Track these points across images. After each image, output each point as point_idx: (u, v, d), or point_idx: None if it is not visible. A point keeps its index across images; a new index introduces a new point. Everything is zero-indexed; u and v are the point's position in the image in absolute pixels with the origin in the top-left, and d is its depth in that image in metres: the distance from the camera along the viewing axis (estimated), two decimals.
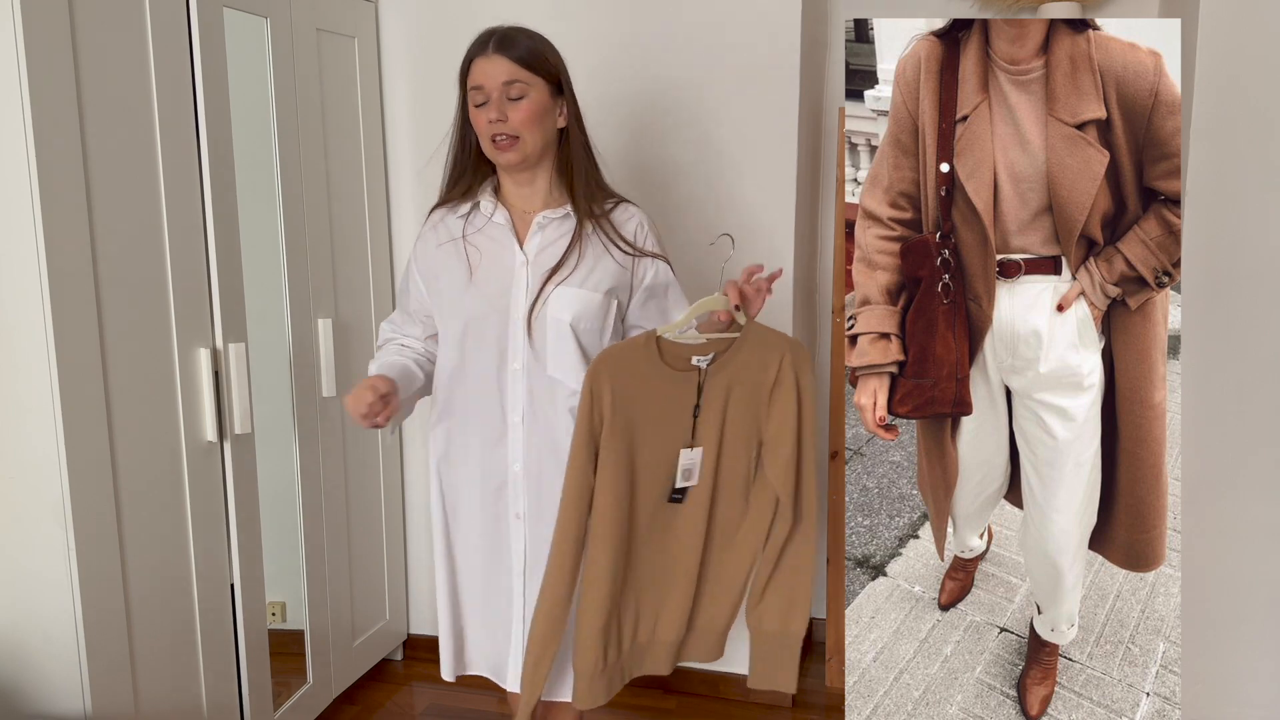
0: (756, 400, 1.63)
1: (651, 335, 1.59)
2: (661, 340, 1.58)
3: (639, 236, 1.71)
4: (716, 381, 1.62)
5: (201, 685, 2.06)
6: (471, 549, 1.77)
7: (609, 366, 1.57)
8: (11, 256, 1.64)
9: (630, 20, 2.49)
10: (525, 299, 1.64)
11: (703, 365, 1.61)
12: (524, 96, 1.58)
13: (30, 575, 1.74)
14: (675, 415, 1.62)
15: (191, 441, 1.99)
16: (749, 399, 1.63)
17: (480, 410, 1.70)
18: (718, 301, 1.58)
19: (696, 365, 1.61)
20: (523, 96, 1.58)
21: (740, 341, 1.62)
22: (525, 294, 1.65)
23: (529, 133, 1.59)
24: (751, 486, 1.68)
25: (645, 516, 1.65)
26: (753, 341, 1.62)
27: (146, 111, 1.85)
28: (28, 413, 1.68)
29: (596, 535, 1.61)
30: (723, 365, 1.62)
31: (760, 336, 1.62)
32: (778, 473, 1.64)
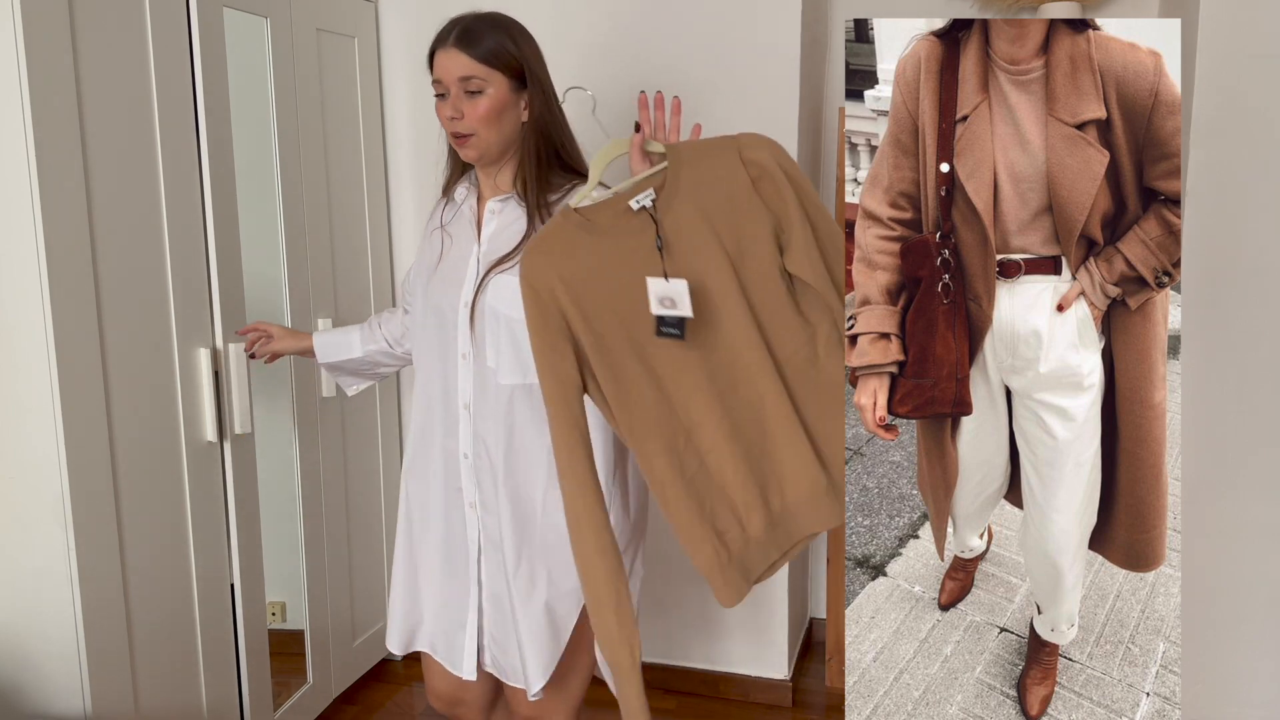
0: (746, 207, 1.45)
1: (568, 211, 1.47)
2: (582, 209, 1.46)
3: None
4: (679, 213, 1.46)
5: (201, 685, 2.06)
6: (432, 530, 1.74)
7: (544, 254, 1.45)
8: (11, 256, 1.64)
9: (630, 20, 2.49)
10: (470, 286, 1.62)
11: (646, 205, 1.45)
12: (481, 92, 1.54)
13: (30, 575, 1.74)
14: (641, 266, 1.45)
15: (191, 441, 1.99)
16: (735, 211, 1.45)
17: (439, 396, 1.68)
18: (616, 146, 1.48)
19: (641, 207, 1.45)
20: (480, 92, 1.54)
21: (675, 166, 1.46)
22: (472, 282, 1.62)
23: (485, 129, 1.55)
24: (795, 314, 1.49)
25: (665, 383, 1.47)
26: (690, 159, 1.46)
27: (146, 111, 1.86)
28: (28, 413, 1.68)
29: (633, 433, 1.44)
30: (671, 195, 1.46)
31: (695, 150, 1.46)
32: (797, 260, 1.47)
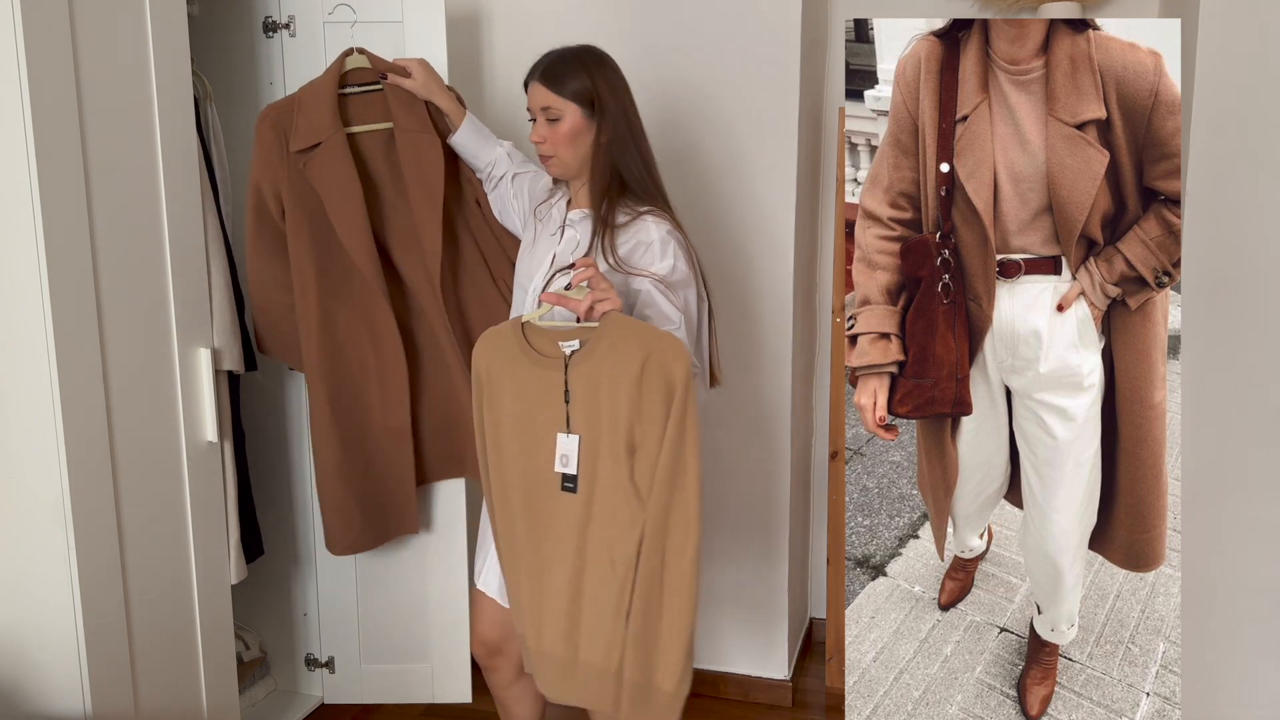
0: (628, 395, 1.53)
1: (518, 321, 1.64)
2: (527, 325, 1.63)
3: (635, 254, 1.71)
4: (582, 370, 1.57)
5: (201, 685, 2.06)
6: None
7: (485, 346, 1.67)
8: (11, 256, 1.64)
9: (630, 20, 2.49)
10: (541, 277, 1.82)
11: (566, 352, 1.58)
12: (559, 120, 1.75)
13: (30, 575, 1.74)
14: (549, 400, 1.60)
15: (191, 441, 1.99)
16: (620, 393, 1.54)
17: None
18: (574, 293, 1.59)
19: (562, 351, 1.59)
20: (558, 120, 1.75)
21: (600, 331, 1.55)
22: (542, 274, 1.82)
23: (563, 151, 1.77)
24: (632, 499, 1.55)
25: (533, 500, 1.63)
26: (613, 333, 1.55)
27: (146, 111, 1.86)
28: (28, 413, 1.68)
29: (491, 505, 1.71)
30: (587, 354, 1.56)
31: (622, 328, 1.55)
32: (643, 478, 1.54)
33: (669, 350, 1.51)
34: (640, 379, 1.52)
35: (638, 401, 1.53)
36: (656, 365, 1.51)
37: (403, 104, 2.05)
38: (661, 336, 1.53)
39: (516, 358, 1.62)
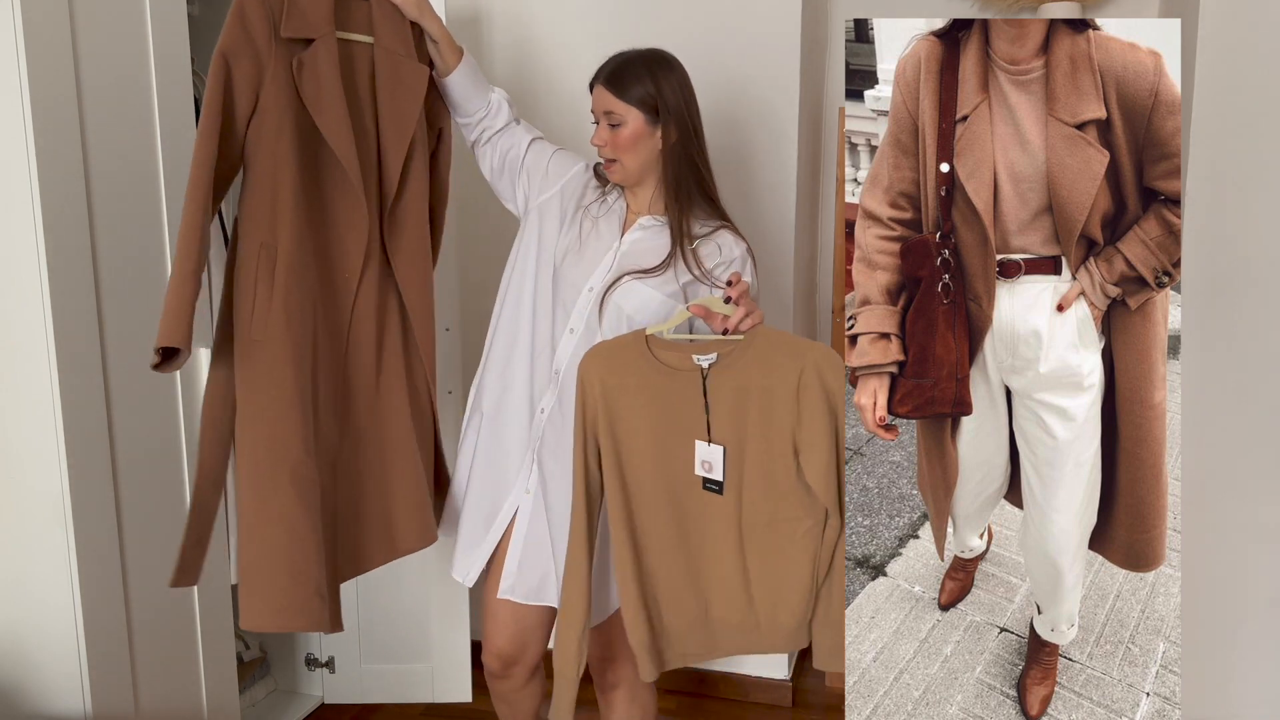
0: (780, 405, 1.65)
1: (641, 333, 1.67)
2: (651, 339, 1.66)
3: (717, 267, 1.79)
4: (722, 382, 1.65)
5: (201, 685, 2.06)
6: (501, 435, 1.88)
7: (598, 361, 1.68)
8: (11, 256, 1.64)
9: (629, 21, 2.49)
10: (605, 277, 1.79)
11: (704, 364, 1.64)
12: (622, 124, 1.76)
13: (30, 575, 1.74)
14: (682, 409, 1.67)
15: (192, 442, 1.99)
16: (769, 404, 1.64)
17: (531, 351, 1.82)
18: (714, 303, 1.65)
19: (698, 364, 1.65)
20: (620, 124, 1.76)
21: (744, 346, 1.65)
22: (607, 274, 1.80)
23: (625, 156, 1.77)
24: (798, 492, 1.69)
25: (677, 500, 1.70)
26: (760, 347, 1.65)
27: (147, 111, 1.86)
28: (28, 413, 1.68)
29: (611, 519, 1.69)
30: (727, 366, 1.65)
31: (770, 342, 1.65)
32: (817, 478, 1.66)
33: (823, 359, 1.64)
34: (798, 387, 1.63)
35: (795, 407, 1.64)
36: (813, 372, 1.63)
37: (388, 18, 1.74)
38: (814, 346, 1.65)
39: (640, 369, 1.66)
